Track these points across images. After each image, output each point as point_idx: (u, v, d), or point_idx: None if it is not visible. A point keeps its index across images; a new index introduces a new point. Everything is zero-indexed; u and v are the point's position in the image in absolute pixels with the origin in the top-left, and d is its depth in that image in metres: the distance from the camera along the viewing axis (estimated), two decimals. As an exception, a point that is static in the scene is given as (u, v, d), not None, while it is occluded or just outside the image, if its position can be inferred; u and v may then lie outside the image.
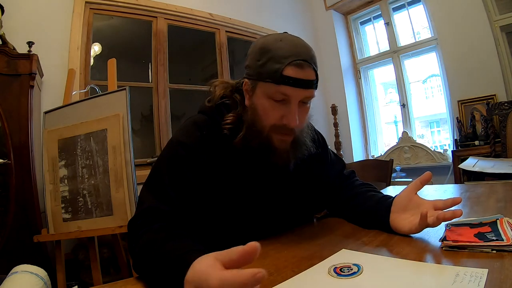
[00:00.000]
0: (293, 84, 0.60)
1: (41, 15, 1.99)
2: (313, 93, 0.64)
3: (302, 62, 0.60)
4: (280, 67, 0.59)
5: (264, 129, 0.64)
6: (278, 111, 0.62)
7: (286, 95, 0.61)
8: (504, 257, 0.45)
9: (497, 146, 2.37)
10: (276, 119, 0.63)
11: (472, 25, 2.65)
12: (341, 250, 0.56)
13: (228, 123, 0.67)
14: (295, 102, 0.62)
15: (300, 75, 0.60)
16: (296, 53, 0.60)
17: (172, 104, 2.59)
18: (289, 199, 0.74)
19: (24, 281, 0.96)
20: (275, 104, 0.62)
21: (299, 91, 0.61)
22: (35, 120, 1.66)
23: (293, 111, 0.61)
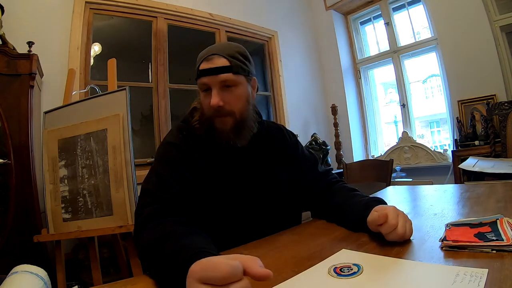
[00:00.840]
0: (205, 74, 0.76)
1: (41, 15, 1.99)
2: (229, 76, 0.76)
3: (210, 56, 0.76)
4: (198, 65, 0.78)
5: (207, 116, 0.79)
6: (207, 98, 0.77)
7: (205, 84, 0.77)
8: (504, 257, 0.45)
9: (497, 146, 2.37)
10: (207, 105, 0.78)
11: (472, 25, 2.65)
12: (341, 250, 0.57)
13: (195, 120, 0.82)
14: (214, 87, 0.76)
15: (209, 66, 0.76)
16: (208, 51, 0.78)
17: (172, 104, 2.59)
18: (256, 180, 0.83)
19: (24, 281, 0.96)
20: (205, 94, 0.78)
21: (212, 78, 0.75)
22: (35, 120, 1.66)
23: (214, 94, 0.76)
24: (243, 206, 0.79)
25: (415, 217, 0.78)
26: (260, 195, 0.82)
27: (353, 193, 0.83)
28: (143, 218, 0.64)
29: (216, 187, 0.77)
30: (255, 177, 0.83)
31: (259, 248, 0.65)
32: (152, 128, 2.55)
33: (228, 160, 0.81)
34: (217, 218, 0.76)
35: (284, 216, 0.86)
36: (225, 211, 0.77)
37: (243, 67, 0.79)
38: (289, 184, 0.89)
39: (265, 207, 0.82)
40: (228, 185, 0.79)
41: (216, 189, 0.77)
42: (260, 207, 0.81)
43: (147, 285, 0.51)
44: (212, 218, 0.75)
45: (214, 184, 0.77)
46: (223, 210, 0.77)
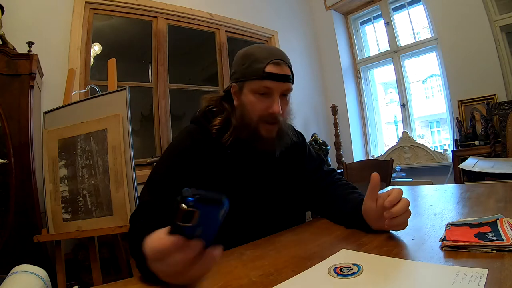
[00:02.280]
0: (273, 78, 0.73)
1: (41, 15, 1.99)
2: (290, 86, 0.77)
3: (279, 61, 0.74)
4: (262, 66, 0.73)
5: (252, 121, 0.76)
6: (263, 103, 0.74)
7: (269, 88, 0.74)
8: (504, 257, 0.45)
9: (497, 146, 2.37)
10: (262, 110, 0.75)
11: (472, 25, 2.65)
12: (341, 250, 0.56)
13: (215, 124, 0.78)
14: (276, 93, 0.74)
15: (278, 71, 0.74)
16: (273, 54, 0.75)
17: (172, 104, 2.59)
18: (278, 184, 0.83)
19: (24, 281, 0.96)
20: (260, 97, 0.75)
21: (279, 84, 0.74)
22: (35, 120, 1.66)
23: (276, 100, 0.74)
24: (251, 209, 0.77)
25: (415, 217, 0.78)
26: (268, 198, 0.80)
27: (353, 190, 0.84)
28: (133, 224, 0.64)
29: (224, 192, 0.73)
30: (264, 180, 0.81)
31: (259, 248, 0.65)
32: (152, 128, 2.55)
33: (238, 165, 0.78)
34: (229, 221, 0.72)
35: (290, 217, 0.86)
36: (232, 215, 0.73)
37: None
38: (296, 185, 0.88)
39: (271, 210, 0.81)
40: (236, 190, 0.76)
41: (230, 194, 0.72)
42: (266, 210, 0.80)
43: (147, 285, 0.51)
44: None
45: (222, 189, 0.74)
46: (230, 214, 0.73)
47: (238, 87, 0.78)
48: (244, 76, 0.76)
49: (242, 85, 0.77)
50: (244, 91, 0.76)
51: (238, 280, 0.48)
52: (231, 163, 0.77)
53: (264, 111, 0.74)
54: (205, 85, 3.14)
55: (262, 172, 0.81)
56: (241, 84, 0.77)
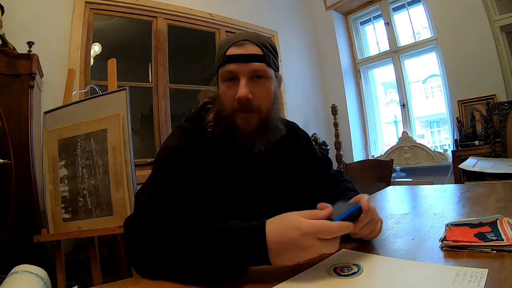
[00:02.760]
0: (234, 60, 0.66)
1: (41, 15, 1.99)
2: (258, 66, 0.67)
3: (242, 41, 0.67)
4: (224, 50, 0.68)
5: (228, 111, 0.69)
6: (232, 90, 0.67)
7: (232, 72, 0.67)
8: (504, 257, 0.45)
9: (497, 146, 2.37)
10: (231, 97, 0.67)
11: (472, 25, 2.65)
12: (341, 250, 0.56)
13: (209, 120, 0.72)
14: (242, 76, 0.66)
15: (240, 51, 0.66)
16: (237, 37, 0.69)
17: (172, 104, 2.59)
18: (273, 187, 0.75)
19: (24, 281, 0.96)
20: (229, 84, 0.68)
21: (242, 66, 0.66)
22: (35, 120, 1.66)
23: (242, 84, 0.66)
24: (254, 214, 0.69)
25: (415, 217, 0.78)
26: (273, 202, 0.73)
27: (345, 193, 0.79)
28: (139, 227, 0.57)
29: (226, 194, 0.69)
30: (270, 182, 0.75)
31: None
32: (152, 128, 2.55)
33: (241, 164, 0.72)
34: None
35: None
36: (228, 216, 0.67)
37: (274, 60, 0.71)
38: (301, 188, 0.81)
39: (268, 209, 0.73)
40: (239, 192, 0.70)
41: (226, 196, 0.69)
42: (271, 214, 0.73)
43: (147, 285, 0.51)
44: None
45: (224, 191, 0.69)
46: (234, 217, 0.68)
47: (216, 79, 0.74)
48: (216, 65, 0.71)
49: (217, 75, 0.73)
50: (219, 81, 0.72)
51: (239, 280, 0.48)
52: (225, 161, 0.71)
53: (232, 97, 0.67)
54: (205, 85, 3.13)
55: (255, 169, 0.74)
56: (216, 75, 0.73)
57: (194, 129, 0.73)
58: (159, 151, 0.72)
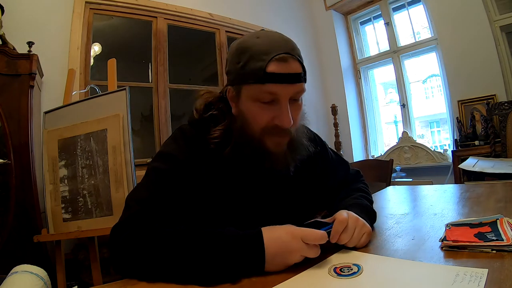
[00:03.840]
0: (279, 80, 0.55)
1: (41, 15, 1.99)
2: (302, 87, 0.59)
3: (285, 56, 0.56)
4: (263, 65, 0.55)
5: (255, 134, 0.60)
6: (268, 112, 0.58)
7: (274, 94, 0.56)
8: (504, 257, 0.45)
9: (497, 146, 2.37)
10: (267, 122, 0.59)
11: (472, 25, 2.65)
12: (341, 250, 0.56)
13: (215, 137, 0.63)
14: (285, 100, 0.57)
15: (285, 70, 0.56)
16: (276, 47, 0.56)
17: (172, 104, 2.60)
18: (290, 205, 0.69)
19: (24, 281, 0.96)
20: (264, 106, 0.58)
21: (287, 87, 0.56)
22: (35, 120, 1.66)
23: (285, 109, 0.57)
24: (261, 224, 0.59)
25: (415, 217, 0.78)
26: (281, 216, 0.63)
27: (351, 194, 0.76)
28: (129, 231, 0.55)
29: (224, 206, 0.63)
30: (277, 197, 0.67)
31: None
32: (152, 128, 2.55)
33: (247, 179, 0.64)
34: None
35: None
36: None
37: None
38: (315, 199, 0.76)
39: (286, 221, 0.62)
40: (239, 205, 0.64)
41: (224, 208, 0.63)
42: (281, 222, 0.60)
43: (147, 285, 0.51)
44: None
45: (221, 203, 0.63)
46: None
47: (234, 92, 0.62)
48: (241, 78, 0.59)
49: (239, 89, 0.60)
50: (242, 97, 0.60)
51: (239, 280, 0.48)
52: (232, 179, 0.64)
53: (269, 123, 0.58)
54: (205, 85, 3.13)
55: (272, 190, 0.66)
56: (238, 87, 0.60)
57: (194, 136, 0.65)
58: (156, 155, 0.66)
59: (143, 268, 0.52)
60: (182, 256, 0.49)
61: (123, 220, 0.58)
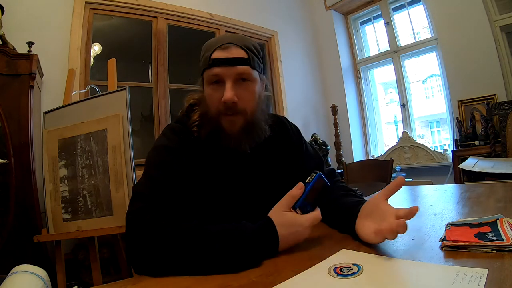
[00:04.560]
0: (220, 63, 0.67)
1: (41, 15, 1.99)
2: (244, 69, 0.69)
3: (227, 45, 0.68)
4: (209, 54, 0.69)
5: (213, 114, 0.70)
6: (217, 93, 0.69)
7: (217, 75, 0.68)
8: (504, 257, 0.45)
9: (497, 146, 2.37)
10: (217, 101, 0.69)
11: (472, 25, 2.65)
12: (341, 250, 0.56)
13: (194, 121, 0.74)
14: (228, 80, 0.68)
15: (225, 55, 0.68)
16: (222, 39, 0.70)
17: (172, 104, 2.59)
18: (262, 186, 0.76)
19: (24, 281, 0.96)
20: (214, 87, 0.69)
21: (227, 69, 0.67)
22: (35, 120, 1.66)
23: (227, 87, 0.67)
24: (245, 211, 0.70)
25: (415, 217, 0.77)
26: (262, 199, 0.71)
27: (348, 192, 0.78)
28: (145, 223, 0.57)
29: (215, 193, 0.71)
30: (258, 181, 0.76)
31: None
32: (152, 128, 2.55)
33: (229, 164, 0.73)
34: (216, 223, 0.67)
35: None
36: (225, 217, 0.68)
37: (259, 62, 0.73)
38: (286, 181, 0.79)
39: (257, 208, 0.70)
40: (228, 191, 0.72)
41: (215, 195, 0.71)
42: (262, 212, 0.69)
43: (147, 285, 0.51)
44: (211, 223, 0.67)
45: (213, 190, 0.71)
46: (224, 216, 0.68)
47: (200, 81, 0.75)
48: (200, 68, 0.73)
49: (202, 77, 0.74)
50: (204, 84, 0.73)
51: (238, 280, 0.48)
52: (212, 160, 0.72)
53: (220, 102, 0.68)
54: (205, 85, 3.13)
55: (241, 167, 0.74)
56: (202, 77, 0.74)
57: (181, 128, 0.74)
58: (150, 151, 0.73)
59: (164, 263, 0.55)
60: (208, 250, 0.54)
61: (138, 209, 0.61)
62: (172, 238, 0.55)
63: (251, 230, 0.58)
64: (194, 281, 0.50)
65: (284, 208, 0.61)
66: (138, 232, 0.58)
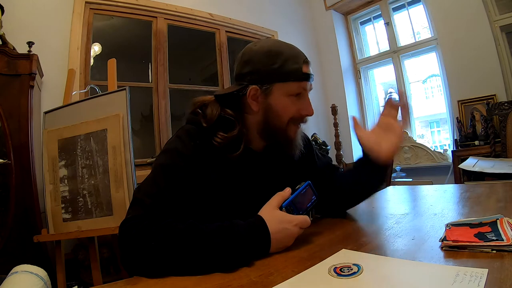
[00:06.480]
0: (309, 79, 0.72)
1: (41, 15, 1.99)
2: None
3: (307, 60, 0.72)
4: (299, 66, 0.69)
5: (283, 125, 0.72)
6: (296, 105, 0.72)
7: (305, 89, 0.72)
8: (504, 257, 0.45)
9: (497, 146, 2.37)
10: (295, 112, 0.72)
11: (472, 25, 2.65)
12: (341, 250, 0.56)
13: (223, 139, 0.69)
14: (307, 94, 0.73)
15: (310, 71, 0.72)
16: (301, 53, 0.72)
17: (172, 104, 2.60)
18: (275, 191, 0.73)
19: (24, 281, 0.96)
20: (294, 99, 0.71)
21: (310, 85, 0.73)
22: (35, 120, 1.66)
23: (309, 101, 0.73)
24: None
25: (415, 217, 0.78)
26: None
27: None
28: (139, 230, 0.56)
29: (228, 200, 0.69)
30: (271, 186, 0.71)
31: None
32: (152, 128, 2.55)
33: (242, 171, 0.72)
34: None
35: None
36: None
37: None
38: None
39: None
40: (242, 198, 0.70)
41: (228, 202, 0.69)
42: None
43: (147, 285, 0.51)
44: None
45: (225, 197, 0.69)
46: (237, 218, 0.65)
47: (261, 90, 0.69)
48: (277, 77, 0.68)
49: (270, 87, 0.69)
50: (275, 93, 0.69)
51: (238, 280, 0.48)
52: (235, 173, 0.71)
53: (297, 113, 0.72)
54: (205, 85, 3.14)
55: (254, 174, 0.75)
56: (269, 86, 0.69)
57: (198, 131, 0.71)
58: (161, 153, 0.71)
59: (157, 264, 0.54)
60: (200, 248, 0.53)
61: (133, 216, 0.60)
62: (163, 238, 0.54)
63: (243, 226, 0.57)
64: (194, 281, 0.50)
65: (273, 207, 0.62)
66: (131, 239, 0.56)
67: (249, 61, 0.70)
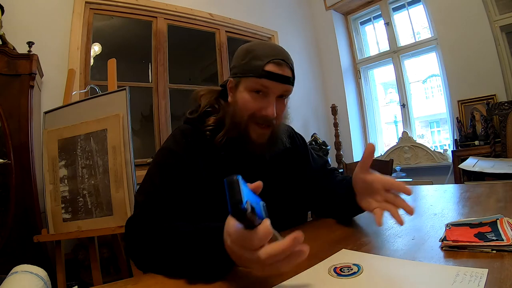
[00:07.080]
0: (272, 78, 0.68)
1: (41, 15, 1.99)
2: (290, 88, 0.72)
3: (280, 61, 0.69)
4: (262, 63, 0.68)
5: (243, 120, 0.71)
6: (257, 102, 0.70)
7: (265, 87, 0.69)
8: (504, 257, 0.45)
9: (497, 146, 2.37)
10: (254, 109, 0.70)
11: (472, 25, 2.65)
12: (341, 250, 0.56)
13: (209, 125, 0.74)
14: (273, 95, 0.70)
15: (278, 71, 0.69)
16: (275, 53, 0.70)
17: (172, 104, 2.60)
18: (275, 189, 0.75)
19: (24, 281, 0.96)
20: (255, 96, 0.70)
21: (277, 85, 0.69)
22: (35, 120, 1.66)
23: (271, 102, 0.69)
24: None
25: (415, 217, 0.78)
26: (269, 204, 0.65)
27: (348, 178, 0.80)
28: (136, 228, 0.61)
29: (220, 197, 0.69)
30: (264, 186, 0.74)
31: (259, 248, 0.64)
32: (152, 128, 2.55)
33: (235, 168, 0.72)
34: None
35: (292, 221, 0.82)
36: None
37: None
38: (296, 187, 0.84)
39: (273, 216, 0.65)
40: None
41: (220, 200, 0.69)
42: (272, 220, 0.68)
43: (147, 285, 0.51)
44: None
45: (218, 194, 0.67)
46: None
47: (234, 83, 0.74)
48: (242, 72, 0.71)
49: (239, 81, 0.73)
50: (240, 88, 0.72)
51: (238, 280, 0.48)
52: (225, 165, 0.73)
53: (257, 111, 0.70)
54: (205, 85, 3.13)
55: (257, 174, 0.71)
56: (238, 80, 0.73)
57: (192, 130, 0.75)
58: (157, 151, 0.75)
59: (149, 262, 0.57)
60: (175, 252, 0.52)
61: (133, 215, 0.65)
62: (151, 239, 0.57)
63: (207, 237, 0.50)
64: (194, 281, 0.50)
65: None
66: (130, 236, 0.62)
67: (234, 57, 0.77)
